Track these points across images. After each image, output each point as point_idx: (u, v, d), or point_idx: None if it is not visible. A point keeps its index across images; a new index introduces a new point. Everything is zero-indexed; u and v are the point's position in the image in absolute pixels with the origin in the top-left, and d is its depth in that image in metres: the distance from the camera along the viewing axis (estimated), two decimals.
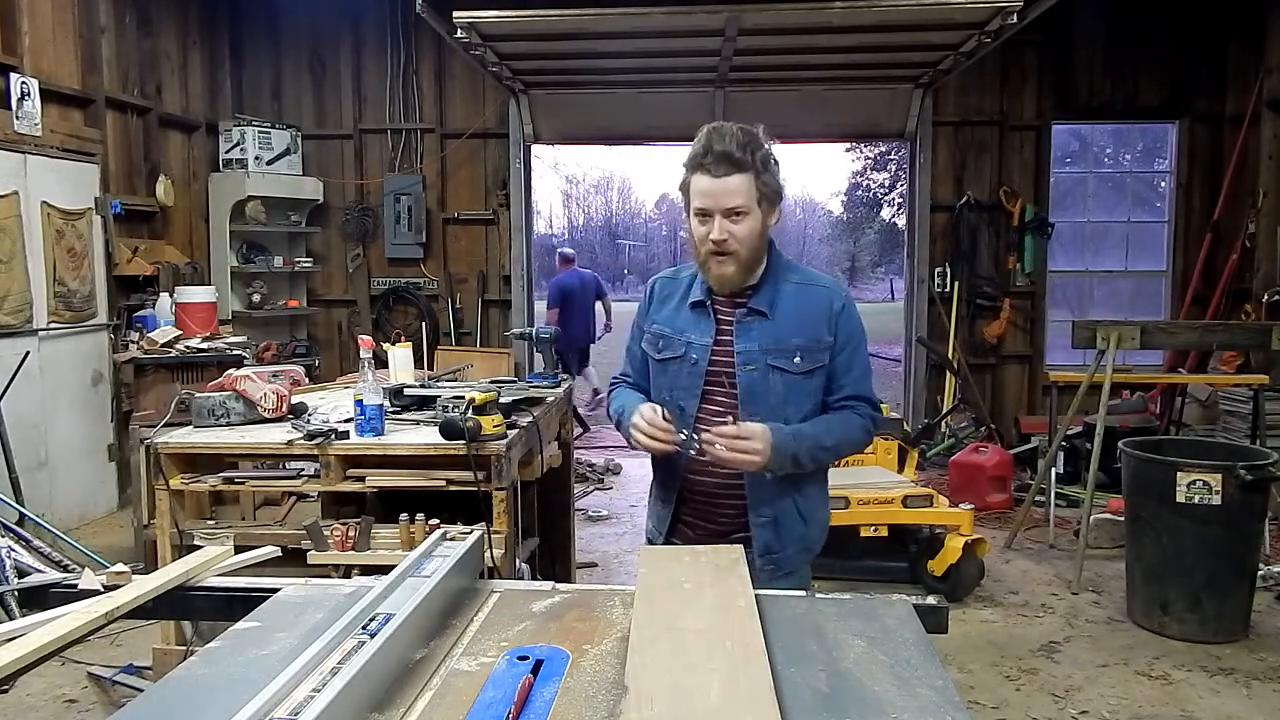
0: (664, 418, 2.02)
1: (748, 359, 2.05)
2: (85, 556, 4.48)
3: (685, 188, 2.03)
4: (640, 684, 1.26)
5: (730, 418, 2.01)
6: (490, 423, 2.80)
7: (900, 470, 5.12)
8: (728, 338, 2.08)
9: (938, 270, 7.52)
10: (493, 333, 7.80)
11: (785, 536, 2.11)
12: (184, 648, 3.07)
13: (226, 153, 7.20)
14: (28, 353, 5.18)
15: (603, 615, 1.64)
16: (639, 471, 6.96)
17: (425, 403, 3.28)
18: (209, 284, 6.41)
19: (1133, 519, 4.27)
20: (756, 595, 1.62)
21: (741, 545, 1.93)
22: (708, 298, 2.10)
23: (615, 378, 2.36)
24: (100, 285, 6.05)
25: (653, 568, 1.77)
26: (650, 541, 2.29)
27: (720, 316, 2.09)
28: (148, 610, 1.77)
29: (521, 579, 2.92)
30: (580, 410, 8.17)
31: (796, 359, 2.05)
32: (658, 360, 2.15)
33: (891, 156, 30.76)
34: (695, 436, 2.02)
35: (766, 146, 2.00)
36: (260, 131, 7.21)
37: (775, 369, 2.04)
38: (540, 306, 9.49)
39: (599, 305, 10.03)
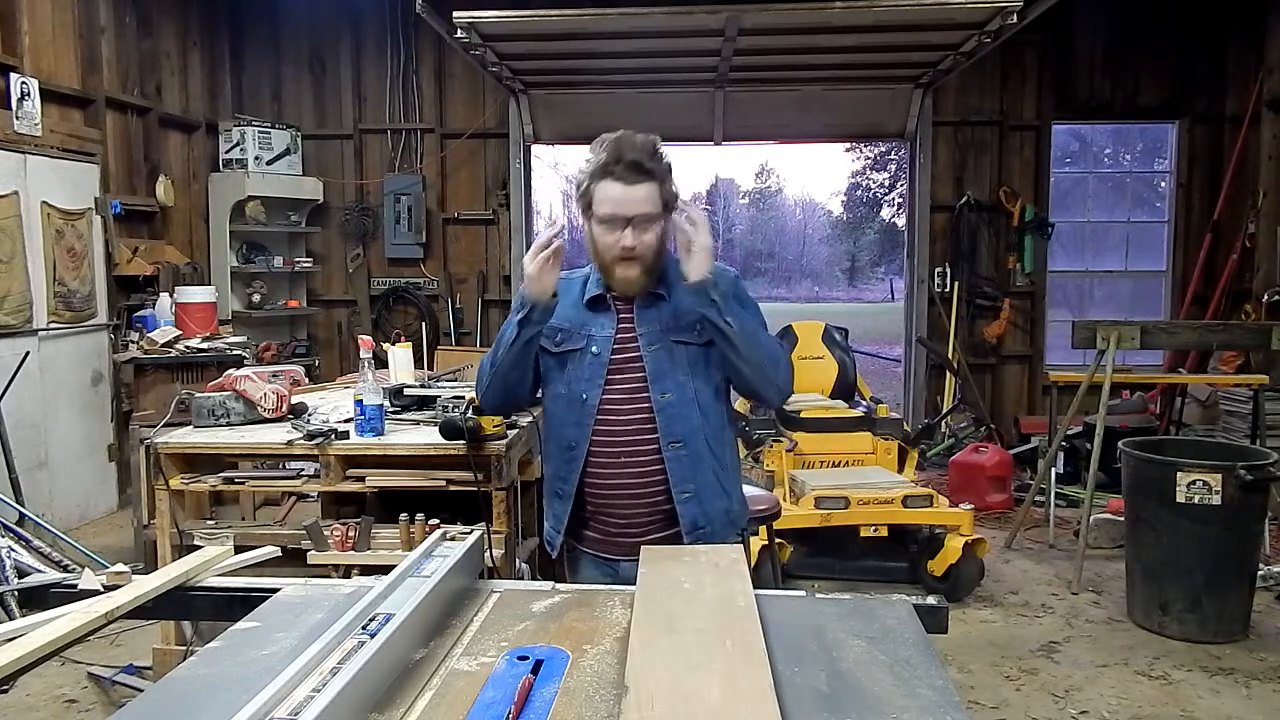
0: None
1: (651, 339, 2.11)
2: (85, 556, 4.48)
3: (587, 194, 2.06)
4: (640, 684, 1.26)
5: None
6: (490, 423, 2.81)
7: (900, 470, 5.12)
8: (629, 325, 2.13)
9: (938, 270, 7.52)
10: (493, 333, 7.78)
11: (710, 510, 2.13)
12: (184, 648, 3.07)
13: (226, 153, 7.20)
14: (28, 353, 5.17)
15: (603, 615, 1.64)
16: None
17: (425, 403, 3.28)
18: (209, 284, 6.40)
19: (1133, 519, 4.27)
20: (756, 595, 1.62)
21: (741, 545, 1.94)
22: (606, 292, 2.16)
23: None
24: (100, 285, 6.05)
25: (653, 567, 1.77)
26: (549, 544, 2.27)
27: (620, 307, 2.15)
28: (148, 610, 1.77)
29: (521, 579, 2.92)
30: None
31: (698, 329, 2.10)
32: (555, 353, 2.16)
33: (891, 156, 30.83)
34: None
35: (667, 156, 2.08)
36: (260, 131, 7.21)
37: (679, 343, 2.11)
38: None
39: None
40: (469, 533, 2.25)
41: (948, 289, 7.49)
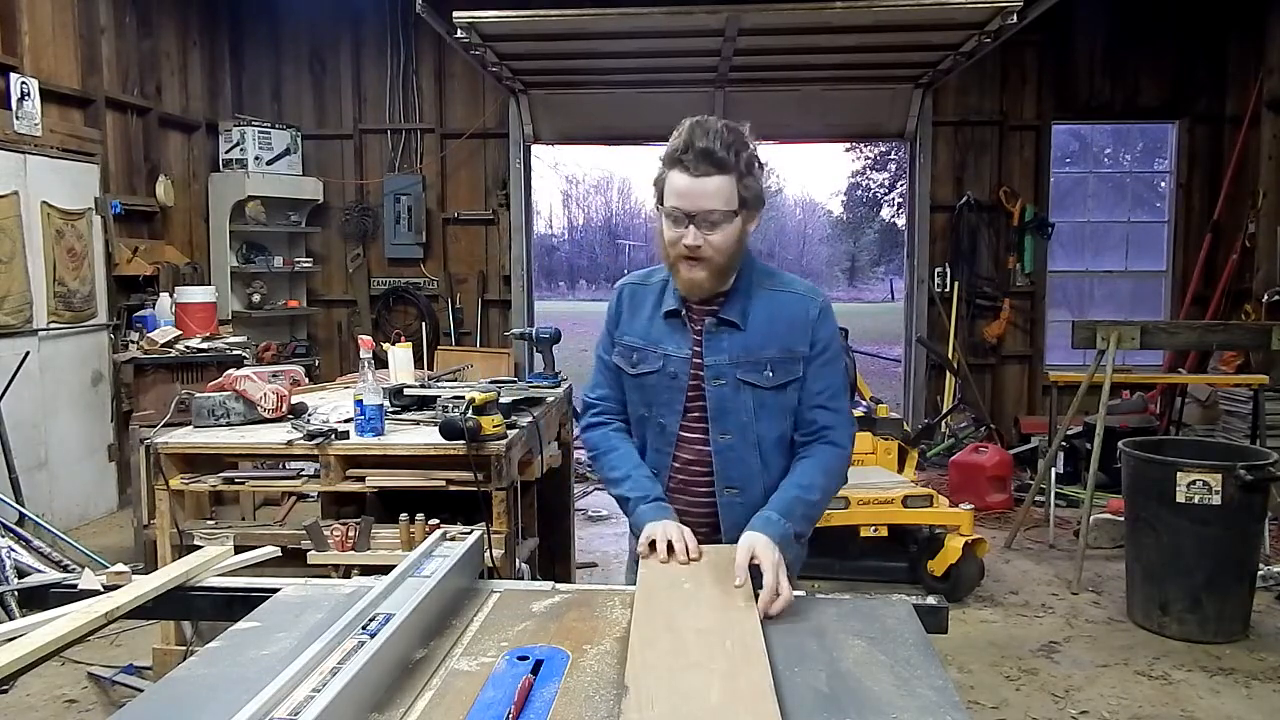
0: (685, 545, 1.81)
1: (716, 372, 1.90)
2: (85, 556, 4.48)
3: (660, 183, 1.86)
4: (640, 684, 1.27)
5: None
6: (490, 423, 2.80)
7: (900, 470, 5.11)
8: (701, 349, 1.93)
9: (938, 270, 7.52)
10: (493, 333, 7.80)
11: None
12: (184, 648, 3.07)
13: (226, 153, 7.20)
14: (28, 353, 5.17)
15: (603, 615, 1.64)
16: None
17: (425, 403, 3.28)
18: (209, 284, 6.40)
19: (1133, 519, 4.27)
20: (756, 595, 1.62)
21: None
22: (682, 306, 1.94)
23: (593, 399, 2.10)
24: (100, 285, 6.04)
25: (653, 568, 1.77)
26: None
27: (695, 326, 1.94)
28: (148, 610, 1.77)
29: (521, 579, 2.92)
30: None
31: (768, 372, 1.90)
32: (632, 375, 1.99)
33: (891, 156, 30.79)
34: None
35: (751, 147, 1.86)
36: (260, 131, 7.21)
37: (745, 384, 1.90)
38: (540, 305, 9.48)
39: None
40: (469, 533, 2.25)
41: (948, 289, 7.49)
